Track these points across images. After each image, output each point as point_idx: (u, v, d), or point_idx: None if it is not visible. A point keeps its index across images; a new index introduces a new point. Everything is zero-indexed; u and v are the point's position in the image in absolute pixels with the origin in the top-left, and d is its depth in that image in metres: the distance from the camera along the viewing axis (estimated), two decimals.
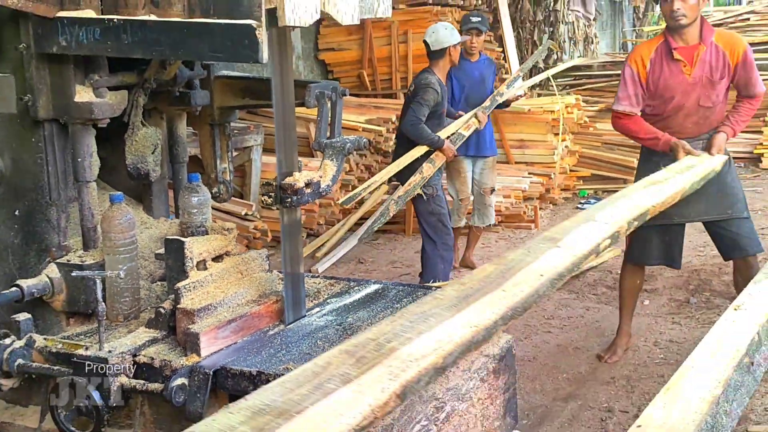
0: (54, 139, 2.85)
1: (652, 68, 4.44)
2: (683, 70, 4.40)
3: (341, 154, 2.89)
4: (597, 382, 4.74)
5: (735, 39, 4.52)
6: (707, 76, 4.39)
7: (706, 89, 4.41)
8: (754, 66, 4.51)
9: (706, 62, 4.37)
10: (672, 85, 4.42)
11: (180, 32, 2.46)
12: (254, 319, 2.72)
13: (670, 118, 4.51)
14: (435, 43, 5.99)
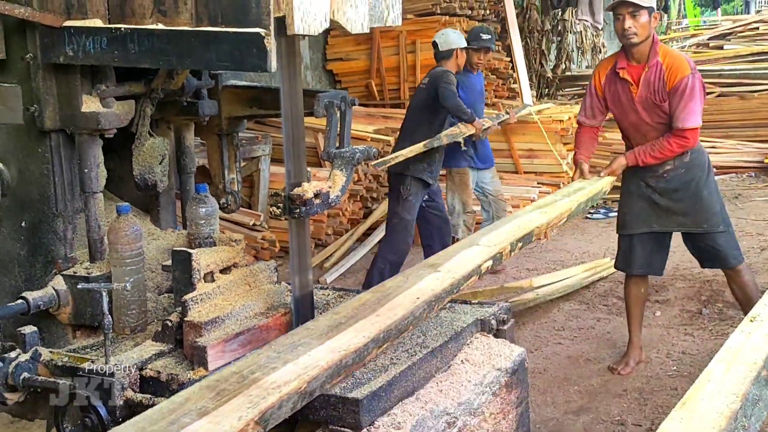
0: (60, 149, 2.82)
1: (606, 84, 4.43)
2: (630, 89, 4.36)
3: (350, 164, 2.85)
4: (609, 395, 4.67)
5: (679, 62, 4.30)
6: (650, 97, 4.31)
7: (652, 110, 4.34)
8: (692, 98, 4.27)
9: (650, 83, 4.30)
10: (623, 102, 4.39)
11: (187, 41, 2.43)
12: (263, 332, 2.68)
13: (630, 134, 4.52)
14: (444, 43, 6.23)
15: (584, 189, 4.12)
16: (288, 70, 2.60)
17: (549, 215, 3.63)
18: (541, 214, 3.64)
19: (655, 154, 4.36)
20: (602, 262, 7.25)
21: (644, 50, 4.27)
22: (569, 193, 4.04)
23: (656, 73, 4.28)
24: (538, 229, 3.49)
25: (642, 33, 4.21)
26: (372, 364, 2.49)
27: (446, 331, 2.75)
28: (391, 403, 2.39)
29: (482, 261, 3.02)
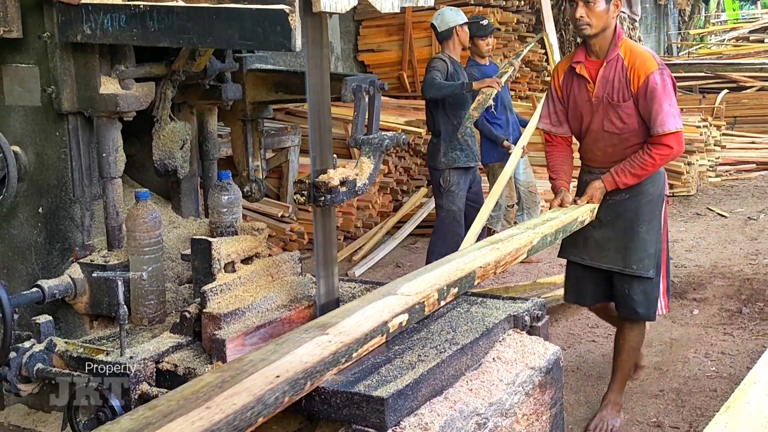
0: (78, 133, 2.72)
1: (564, 82, 3.92)
2: (588, 87, 3.83)
3: (379, 151, 2.73)
4: (645, 395, 4.52)
5: (644, 58, 3.73)
6: (608, 96, 3.76)
7: (609, 112, 3.78)
8: (666, 97, 3.67)
9: (608, 80, 3.76)
10: (579, 103, 3.87)
11: (209, 18, 2.31)
12: (284, 325, 2.56)
13: (583, 141, 3.95)
14: (441, 24, 5.99)
15: (555, 219, 3.58)
16: (314, 51, 2.48)
17: (501, 252, 3.08)
18: (491, 250, 3.09)
19: (635, 171, 3.75)
20: None
21: (603, 44, 3.75)
22: (535, 225, 3.50)
23: (616, 70, 3.74)
24: (482, 270, 2.91)
25: (597, 23, 3.67)
26: (399, 361, 2.36)
27: (477, 327, 2.61)
28: (419, 402, 2.26)
29: (391, 317, 2.45)
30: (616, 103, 3.73)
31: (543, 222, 3.56)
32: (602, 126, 3.79)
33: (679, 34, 19.72)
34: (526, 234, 3.34)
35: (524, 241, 3.25)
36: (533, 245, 3.28)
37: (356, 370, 2.31)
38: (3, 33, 2.61)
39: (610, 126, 3.78)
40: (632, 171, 3.76)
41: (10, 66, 2.74)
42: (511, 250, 3.11)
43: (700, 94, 11.56)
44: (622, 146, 3.80)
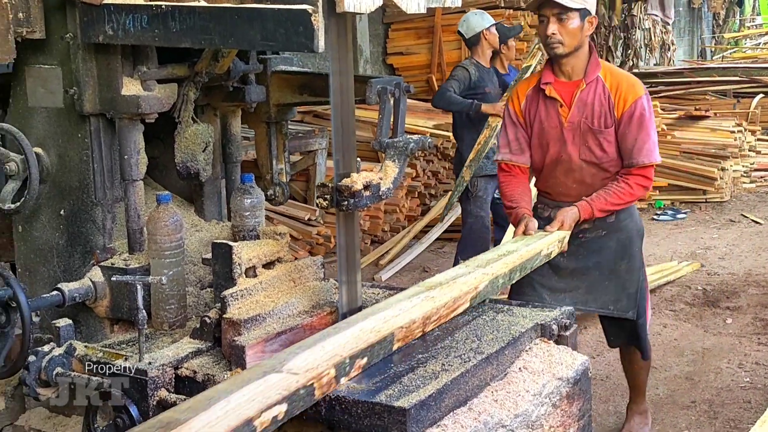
0: (100, 134, 2.70)
1: (527, 106, 3.51)
2: (560, 111, 3.44)
3: (403, 154, 2.67)
4: (676, 406, 4.42)
5: (630, 82, 3.43)
6: (586, 122, 3.41)
7: (587, 139, 3.42)
8: (651, 126, 3.42)
9: (587, 104, 3.40)
10: (547, 129, 3.47)
11: (231, 19, 2.28)
12: (306, 331, 2.51)
13: (550, 174, 3.55)
14: (467, 30, 5.92)
15: (513, 253, 3.03)
16: (338, 52, 2.43)
17: (433, 304, 2.50)
18: (423, 301, 2.50)
19: (613, 199, 3.40)
20: (669, 265, 6.97)
21: (576, 64, 3.40)
22: (487, 262, 2.91)
23: (596, 93, 3.39)
24: (404, 330, 2.35)
25: (570, 42, 3.33)
26: (422, 370, 2.30)
27: (503, 336, 2.55)
28: (442, 413, 2.20)
29: (261, 410, 1.81)
30: (597, 129, 3.40)
31: (498, 257, 2.99)
32: (579, 155, 3.44)
33: (713, 38, 19.47)
34: (473, 275, 2.75)
35: (468, 286, 2.67)
36: (479, 291, 2.70)
37: (378, 379, 2.26)
38: (26, 34, 2.59)
39: (589, 155, 3.44)
40: (609, 199, 3.41)
41: (33, 67, 2.72)
42: (447, 301, 2.55)
43: (735, 98, 11.36)
44: (601, 176, 3.47)
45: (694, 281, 6.60)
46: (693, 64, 14.69)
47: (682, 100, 11.01)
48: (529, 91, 3.54)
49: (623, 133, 3.39)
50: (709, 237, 7.93)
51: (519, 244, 3.15)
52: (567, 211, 3.40)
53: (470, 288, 2.66)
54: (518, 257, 2.99)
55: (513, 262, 2.94)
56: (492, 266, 2.85)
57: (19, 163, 2.70)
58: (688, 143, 9.43)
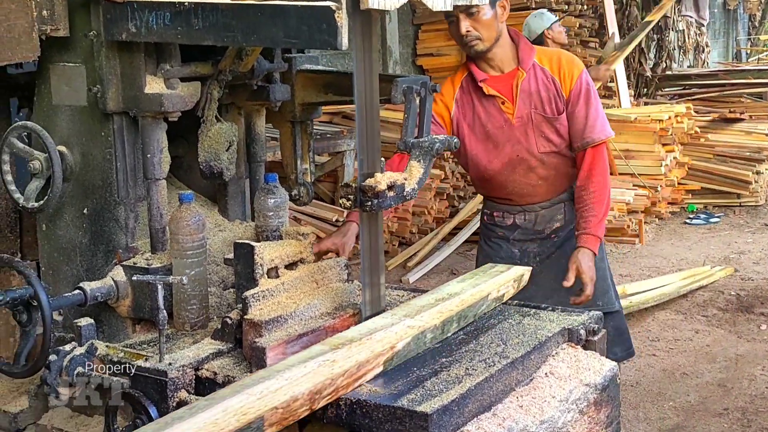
0: (124, 133, 2.67)
1: (460, 111, 3.25)
2: (503, 108, 3.23)
3: (429, 155, 2.62)
4: (708, 414, 4.35)
5: (567, 58, 3.26)
6: (537, 112, 3.21)
7: (543, 130, 3.22)
8: (595, 100, 3.23)
9: (532, 93, 3.20)
10: (491, 131, 3.23)
11: (254, 16, 2.24)
12: (328, 333, 2.47)
13: (508, 178, 3.28)
14: (530, 35, 6.05)
15: (455, 297, 2.57)
16: (362, 50, 2.39)
17: (336, 369, 2.07)
18: (322, 365, 2.07)
19: (600, 207, 3.17)
20: (701, 270, 6.86)
21: (504, 54, 3.21)
22: (420, 309, 2.47)
23: (539, 79, 3.20)
24: (280, 412, 1.90)
25: (489, 34, 3.14)
26: (445, 374, 2.26)
27: (529, 341, 2.49)
28: (465, 418, 2.15)
29: None
30: (551, 116, 3.20)
31: (435, 302, 2.54)
32: (537, 148, 3.23)
33: (748, 40, 19.18)
34: (394, 329, 2.31)
35: (382, 345, 2.23)
36: (396, 351, 2.24)
37: (400, 383, 2.21)
38: (50, 32, 2.57)
39: (547, 145, 3.23)
40: (598, 211, 3.16)
41: (57, 65, 2.71)
42: (350, 367, 2.09)
43: None
44: (564, 164, 3.29)
45: (728, 286, 6.50)
46: (728, 66, 14.47)
47: (717, 103, 10.84)
48: (456, 94, 3.27)
49: (572, 113, 3.19)
50: (743, 241, 7.80)
51: (466, 284, 2.71)
52: (581, 260, 3.10)
53: (385, 348, 2.22)
54: (458, 303, 2.55)
55: (449, 311, 2.50)
56: (422, 316, 2.43)
57: (43, 161, 2.69)
58: (722, 146, 9.30)
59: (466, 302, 2.57)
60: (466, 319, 2.57)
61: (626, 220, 7.80)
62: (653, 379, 4.81)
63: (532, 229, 3.38)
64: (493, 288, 2.71)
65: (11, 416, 2.91)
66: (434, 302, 2.54)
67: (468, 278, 2.78)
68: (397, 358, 2.27)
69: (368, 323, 2.40)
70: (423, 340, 2.37)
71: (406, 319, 2.40)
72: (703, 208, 9.12)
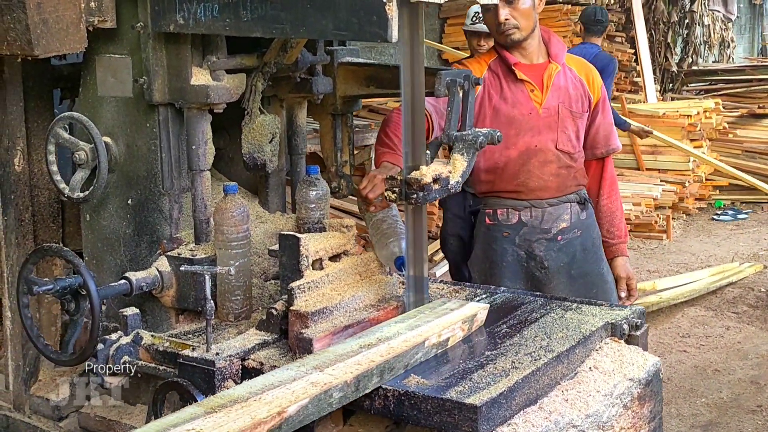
0: (169, 124, 2.68)
1: (485, 92, 3.18)
2: (531, 96, 3.17)
3: (473, 148, 2.62)
4: (741, 410, 4.33)
5: (590, 66, 3.32)
6: (566, 106, 3.16)
7: (566, 125, 3.18)
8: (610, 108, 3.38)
9: (562, 88, 3.18)
10: (516, 117, 3.17)
11: (302, 8, 2.25)
12: (372, 325, 2.47)
13: (521, 168, 3.22)
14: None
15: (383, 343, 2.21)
16: (410, 43, 2.40)
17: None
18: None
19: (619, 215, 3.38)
20: (731, 266, 6.83)
21: (536, 46, 3.20)
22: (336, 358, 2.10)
23: (568, 77, 3.21)
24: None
25: (526, 24, 3.13)
26: (491, 367, 2.26)
27: (573, 335, 2.49)
28: (512, 411, 2.15)
29: None
30: (577, 112, 3.19)
31: (359, 348, 2.17)
32: (555, 144, 3.19)
33: None
34: (293, 386, 1.93)
35: (270, 408, 1.82)
36: (286, 417, 1.82)
37: (447, 375, 2.22)
38: (98, 23, 2.59)
39: (566, 144, 3.20)
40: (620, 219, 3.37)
41: (103, 56, 2.73)
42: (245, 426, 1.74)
43: None
44: (574, 169, 3.26)
45: (757, 283, 6.46)
46: (754, 61, 14.35)
47: (744, 98, 10.76)
48: (485, 74, 3.22)
49: (600, 121, 3.27)
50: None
51: (404, 325, 2.34)
52: (621, 266, 3.28)
53: (271, 413, 1.80)
54: (384, 352, 2.15)
55: (370, 362, 2.08)
56: (334, 369, 2.03)
57: (89, 152, 2.71)
58: (751, 142, 9.23)
59: (395, 350, 2.18)
60: (392, 371, 2.15)
61: (654, 216, 7.77)
62: (685, 375, 4.79)
63: (539, 227, 3.26)
64: (433, 332, 2.32)
65: (54, 404, 2.95)
66: (357, 350, 2.16)
67: (411, 316, 2.43)
68: (288, 425, 1.85)
69: (269, 375, 2.02)
70: (327, 401, 1.96)
71: (314, 372, 2.02)
72: (731, 204, 9.06)
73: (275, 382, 1.95)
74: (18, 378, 3.01)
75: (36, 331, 2.62)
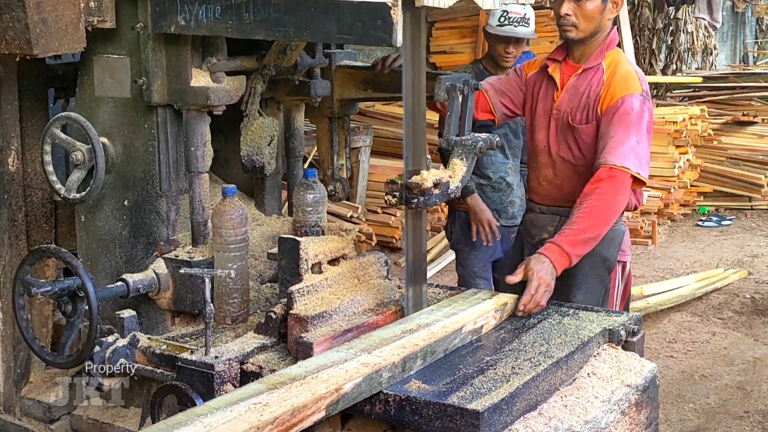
0: (167, 125, 2.67)
1: (535, 76, 3.17)
2: (553, 94, 3.09)
3: (472, 153, 2.63)
4: (729, 416, 4.35)
5: (624, 77, 2.98)
6: (570, 113, 3.02)
7: (566, 133, 3.04)
8: (631, 128, 2.88)
9: (577, 93, 3.03)
10: (537, 112, 3.12)
11: (306, 11, 2.25)
12: (371, 330, 2.47)
13: (531, 165, 3.24)
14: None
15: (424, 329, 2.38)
16: (411, 47, 2.40)
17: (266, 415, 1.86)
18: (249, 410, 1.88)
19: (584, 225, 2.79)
20: (716, 272, 6.86)
21: (588, 51, 3.04)
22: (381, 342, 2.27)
23: (589, 82, 3.02)
24: None
25: (586, 26, 2.96)
26: (492, 373, 2.26)
27: (571, 341, 2.50)
28: (513, 417, 2.15)
29: None
30: (575, 122, 3.01)
31: (401, 333, 2.35)
32: (558, 149, 3.07)
33: (756, 44, 19.18)
34: (346, 366, 2.12)
35: (327, 386, 2.01)
36: (343, 393, 2.02)
37: (447, 381, 2.22)
38: (97, 23, 2.58)
39: (566, 152, 3.05)
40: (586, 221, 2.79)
41: (101, 56, 2.71)
42: (282, 413, 1.86)
43: None
44: (574, 182, 3.01)
45: (742, 289, 6.50)
46: (736, 69, 14.46)
47: (727, 106, 10.82)
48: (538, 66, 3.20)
49: (602, 131, 2.92)
50: (756, 245, 7.80)
51: (440, 314, 2.51)
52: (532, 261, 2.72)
53: (329, 390, 1.98)
54: (425, 337, 2.33)
55: (414, 346, 2.26)
56: (381, 351, 2.20)
57: (86, 152, 2.69)
58: (735, 149, 9.29)
59: (435, 335, 2.33)
60: (434, 354, 2.31)
61: (639, 222, 7.80)
62: (672, 380, 4.81)
63: (528, 231, 3.22)
64: (469, 319, 2.48)
65: (45, 406, 2.93)
66: (399, 334, 2.33)
67: (445, 305, 2.59)
68: (343, 402, 2.03)
69: (321, 357, 2.20)
70: (378, 380, 2.11)
71: (362, 354, 2.19)
72: (715, 210, 9.12)
73: (328, 363, 2.14)
74: (9, 380, 2.98)
75: (32, 332, 2.60)
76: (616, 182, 2.84)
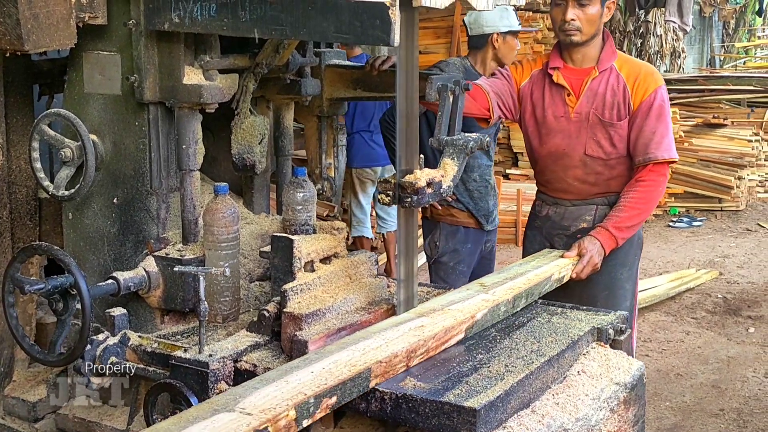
0: (158, 123, 2.66)
1: (530, 86, 3.27)
2: (566, 100, 3.20)
3: (463, 153, 2.64)
4: (704, 414, 4.42)
5: (648, 71, 3.19)
6: (596, 113, 3.16)
7: (595, 132, 3.17)
8: (668, 119, 3.15)
9: (597, 94, 3.16)
10: (548, 119, 3.23)
11: (303, 10, 2.25)
12: (364, 328, 2.48)
13: (547, 168, 3.33)
14: (476, 27, 4.15)
15: (521, 276, 2.83)
16: (406, 47, 2.41)
17: (426, 332, 2.33)
18: (413, 330, 2.34)
19: (633, 213, 3.11)
20: (688, 272, 6.97)
21: (589, 53, 3.19)
22: (491, 284, 2.74)
23: (609, 82, 3.16)
24: (384, 365, 2.13)
25: (589, 29, 3.12)
26: (485, 371, 2.28)
27: (562, 339, 2.52)
28: (507, 414, 2.17)
29: None
30: (608, 121, 3.15)
31: (504, 280, 2.79)
32: (584, 149, 3.20)
33: (722, 47, 19.46)
34: (471, 301, 2.58)
35: (464, 314, 2.47)
36: (476, 320, 2.50)
37: (442, 378, 2.23)
38: (88, 19, 2.55)
39: (596, 150, 3.19)
40: (628, 214, 3.11)
41: (91, 53, 2.69)
42: (438, 331, 2.34)
43: (749, 108, 11.34)
44: (606, 176, 3.23)
45: (714, 289, 6.61)
46: (704, 72, 14.66)
47: (696, 108, 10.98)
48: (535, 72, 3.29)
49: (640, 126, 3.12)
50: (727, 245, 7.93)
51: (529, 266, 2.94)
52: (589, 248, 3.06)
53: (466, 317, 2.46)
54: (525, 281, 2.79)
55: (518, 288, 2.73)
56: (495, 291, 2.68)
57: (75, 149, 2.67)
58: (706, 151, 9.43)
59: (531, 281, 2.81)
60: (531, 296, 2.78)
61: None
62: (648, 379, 4.81)
63: (559, 224, 3.34)
64: (555, 270, 2.96)
65: (30, 405, 2.90)
66: (503, 280, 2.79)
67: (529, 261, 3.06)
68: (476, 327, 2.51)
69: (446, 296, 2.64)
70: (497, 312, 2.60)
71: (480, 293, 2.66)
72: (686, 211, 9.25)
73: (456, 299, 2.59)
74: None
75: (21, 330, 2.57)
76: (660, 174, 3.17)
